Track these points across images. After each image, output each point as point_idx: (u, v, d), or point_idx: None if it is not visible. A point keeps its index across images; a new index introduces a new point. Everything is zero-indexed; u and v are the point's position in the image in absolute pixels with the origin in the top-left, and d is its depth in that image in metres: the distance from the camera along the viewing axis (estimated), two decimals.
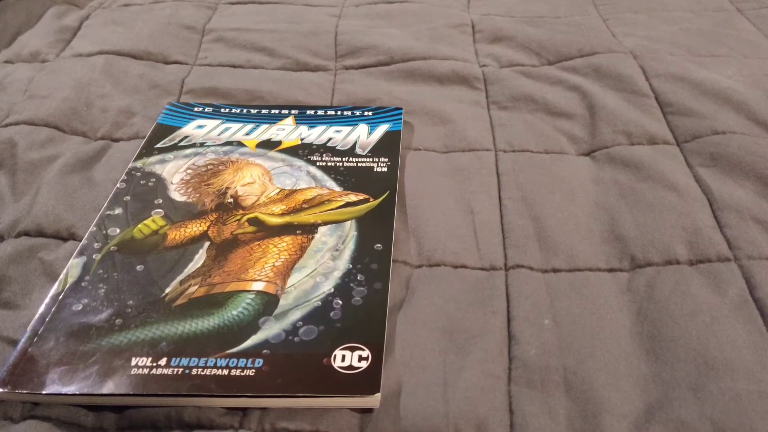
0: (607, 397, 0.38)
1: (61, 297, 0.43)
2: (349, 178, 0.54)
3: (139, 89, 0.66)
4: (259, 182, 0.53)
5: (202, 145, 0.58)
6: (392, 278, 0.46)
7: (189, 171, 0.54)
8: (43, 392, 0.37)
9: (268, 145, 0.58)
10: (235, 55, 0.72)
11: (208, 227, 0.49)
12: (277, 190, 0.52)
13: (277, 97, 0.65)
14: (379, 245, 0.47)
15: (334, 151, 0.57)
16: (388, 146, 0.57)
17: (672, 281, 0.45)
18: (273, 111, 0.62)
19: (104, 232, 0.48)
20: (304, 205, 0.51)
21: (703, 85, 0.63)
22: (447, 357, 0.40)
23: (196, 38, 0.76)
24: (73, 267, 0.45)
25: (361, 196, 0.52)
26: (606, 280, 0.46)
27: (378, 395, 0.37)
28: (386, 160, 0.56)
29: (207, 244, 0.47)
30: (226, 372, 0.38)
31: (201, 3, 0.83)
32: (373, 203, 0.51)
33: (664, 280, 0.45)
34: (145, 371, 0.38)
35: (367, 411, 0.38)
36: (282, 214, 0.50)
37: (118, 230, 0.48)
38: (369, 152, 0.57)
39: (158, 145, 0.57)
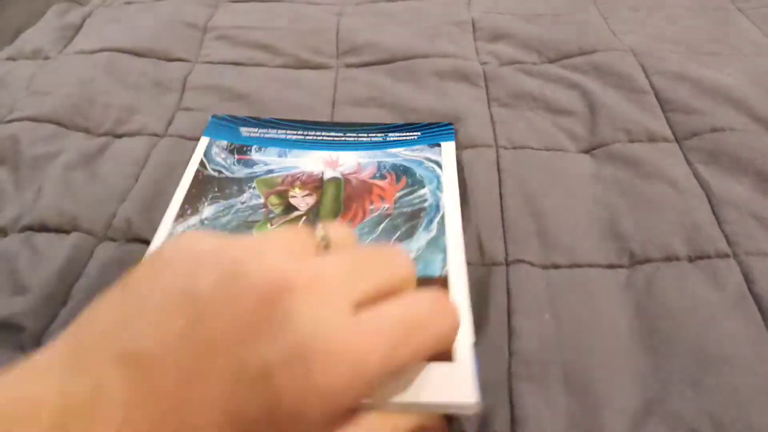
0: (606, 392, 0.38)
1: None
2: None
3: (142, 86, 0.67)
4: None
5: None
6: None
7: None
8: None
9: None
10: (237, 52, 0.72)
11: None
12: None
13: (276, 96, 0.65)
14: None
15: None
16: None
17: (671, 277, 0.45)
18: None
19: None
20: None
21: (702, 82, 0.64)
22: None
23: (197, 36, 0.76)
24: None
25: None
26: (605, 276, 0.46)
27: None
28: None
29: None
30: None
31: (202, 1, 0.83)
32: None
33: (663, 276, 0.45)
34: None
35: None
36: None
37: None
38: None
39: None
